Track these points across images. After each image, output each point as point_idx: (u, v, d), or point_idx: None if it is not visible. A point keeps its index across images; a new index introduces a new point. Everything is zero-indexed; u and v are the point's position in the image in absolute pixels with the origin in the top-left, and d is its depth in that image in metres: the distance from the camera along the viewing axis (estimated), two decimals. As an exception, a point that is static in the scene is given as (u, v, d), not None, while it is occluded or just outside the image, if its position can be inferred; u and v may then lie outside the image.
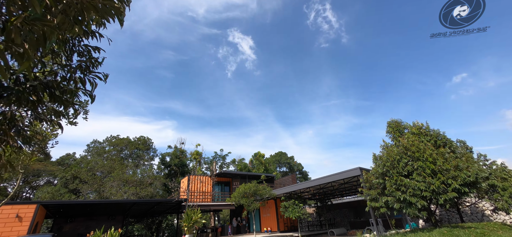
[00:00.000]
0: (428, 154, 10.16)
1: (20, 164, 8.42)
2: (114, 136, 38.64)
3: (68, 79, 3.38)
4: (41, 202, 13.69)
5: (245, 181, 26.75)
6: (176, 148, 37.44)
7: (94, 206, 16.96)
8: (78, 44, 3.29)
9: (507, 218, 13.33)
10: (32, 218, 12.88)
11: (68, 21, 2.19)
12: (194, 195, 22.20)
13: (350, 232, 20.10)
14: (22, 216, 12.71)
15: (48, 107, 3.73)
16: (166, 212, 25.96)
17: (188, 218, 15.06)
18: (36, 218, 13.32)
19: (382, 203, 10.89)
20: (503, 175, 10.85)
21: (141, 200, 17.63)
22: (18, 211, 12.72)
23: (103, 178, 30.80)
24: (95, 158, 35.06)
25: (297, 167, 57.46)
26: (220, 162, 43.70)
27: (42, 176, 34.23)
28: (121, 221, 21.51)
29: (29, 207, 13.13)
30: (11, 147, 3.43)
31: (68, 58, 3.32)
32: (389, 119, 14.83)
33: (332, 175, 15.77)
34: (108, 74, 3.70)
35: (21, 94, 2.99)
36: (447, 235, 8.83)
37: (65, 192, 29.23)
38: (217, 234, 24.80)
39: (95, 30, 3.03)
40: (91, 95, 3.63)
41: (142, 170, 35.08)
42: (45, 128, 7.62)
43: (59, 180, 32.56)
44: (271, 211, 23.75)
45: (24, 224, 12.63)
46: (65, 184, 30.61)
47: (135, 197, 27.19)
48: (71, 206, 16.09)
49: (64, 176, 31.25)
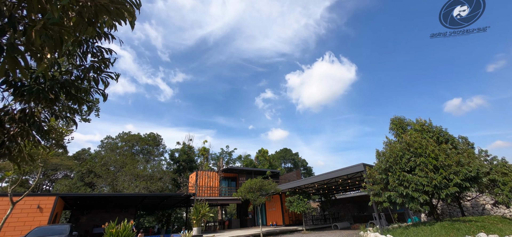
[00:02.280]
0: (430, 150, 10.06)
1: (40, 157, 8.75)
2: (126, 132, 39.39)
3: (82, 78, 3.52)
4: (59, 194, 14.16)
5: (251, 176, 26.93)
6: (184, 145, 37.88)
7: (108, 199, 17.42)
8: (91, 45, 3.41)
9: (507, 212, 13.29)
10: (52, 209, 13.35)
11: (82, 23, 2.29)
12: (202, 189, 22.47)
13: (354, 226, 20.02)
14: (43, 207, 13.20)
15: (64, 105, 3.89)
16: (175, 206, 26.38)
17: (197, 211, 15.31)
18: (56, 209, 13.80)
19: (385, 198, 10.86)
20: (504, 170, 10.76)
21: (152, 194, 17.98)
22: (39, 202, 13.21)
23: (116, 173, 31.51)
24: (108, 153, 35.84)
25: (302, 163, 57.32)
26: (227, 158, 44.02)
27: (59, 170, 35.29)
28: (133, 214, 22.02)
29: (49, 198, 13.62)
30: (31, 142, 3.59)
31: (82, 59, 3.44)
32: (393, 116, 14.66)
33: (336, 171, 15.73)
34: (119, 74, 3.83)
35: (40, 93, 3.13)
36: (448, 228, 8.77)
37: (81, 185, 30.09)
38: (225, 227, 25.11)
39: (107, 32, 3.13)
40: (104, 94, 3.76)
41: (152, 166, 35.68)
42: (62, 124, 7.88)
43: (75, 173, 33.49)
44: (277, 205, 23.86)
45: (44, 214, 13.12)
46: (81, 178, 31.48)
47: (146, 191, 27.72)
48: (87, 199, 16.59)
49: (80, 170, 32.13)
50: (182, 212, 36.21)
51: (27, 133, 3.35)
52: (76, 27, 2.32)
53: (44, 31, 2.01)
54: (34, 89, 3.09)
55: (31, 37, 2.01)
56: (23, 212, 12.61)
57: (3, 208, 12.16)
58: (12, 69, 2.02)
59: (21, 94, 3.13)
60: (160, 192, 27.62)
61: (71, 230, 11.00)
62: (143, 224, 29.88)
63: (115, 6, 2.35)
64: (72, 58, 3.48)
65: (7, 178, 13.31)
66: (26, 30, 1.99)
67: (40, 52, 2.25)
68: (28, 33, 1.96)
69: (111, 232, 10.89)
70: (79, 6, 2.24)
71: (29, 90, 3.08)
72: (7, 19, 2.10)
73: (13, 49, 1.97)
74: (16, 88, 3.07)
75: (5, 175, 11.78)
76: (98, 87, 3.66)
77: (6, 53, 1.96)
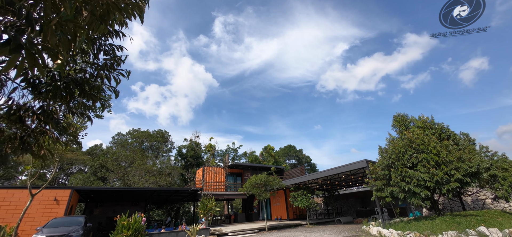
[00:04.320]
0: (432, 146, 9.94)
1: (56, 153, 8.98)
2: (136, 129, 39.95)
3: (95, 76, 3.59)
4: (74, 187, 14.51)
5: (256, 172, 26.99)
6: (191, 141, 38.19)
7: (120, 193, 17.77)
8: (104, 43, 3.48)
9: (506, 206, 13.24)
10: (68, 201, 13.71)
11: (95, 20, 2.34)
12: (209, 185, 22.65)
13: (356, 221, 19.91)
14: (59, 199, 13.57)
15: (78, 102, 3.98)
16: (183, 200, 26.70)
17: (204, 205, 15.49)
18: (71, 202, 14.16)
19: (387, 193, 10.80)
20: (504, 165, 10.68)
21: (161, 188, 18.24)
22: (56, 194, 13.58)
23: (126, 168, 32.06)
24: (119, 149, 36.47)
25: (306, 160, 57.10)
26: (233, 155, 44.22)
27: (74, 164, 36.13)
28: (144, 207, 22.40)
29: (65, 191, 13.98)
30: (49, 138, 3.68)
31: (95, 57, 3.51)
32: (395, 113, 14.46)
33: (339, 167, 15.63)
34: (130, 71, 3.89)
35: (56, 90, 3.21)
36: (449, 222, 8.69)
37: (94, 179, 30.74)
38: (231, 221, 25.32)
39: (118, 30, 3.19)
40: (115, 91, 3.83)
41: (161, 161, 36.14)
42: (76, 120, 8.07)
43: (89, 168, 34.23)
44: (281, 200, 23.90)
45: (61, 206, 13.49)
46: (94, 172, 32.16)
47: (155, 186, 28.14)
48: (100, 192, 16.96)
49: (93, 165, 32.80)
50: (190, 206, 36.70)
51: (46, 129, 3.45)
52: (89, 25, 2.37)
53: (59, 27, 2.07)
54: (51, 86, 3.17)
55: (47, 35, 2.07)
56: (41, 204, 12.99)
57: (23, 200, 12.56)
58: (30, 67, 2.08)
59: (39, 91, 3.23)
60: (168, 187, 27.99)
61: (85, 221, 11.29)
62: (153, 217, 30.41)
63: (125, 2, 2.39)
64: (86, 56, 3.56)
65: (26, 171, 13.69)
66: (43, 28, 2.05)
67: (56, 49, 2.32)
68: (45, 30, 2.01)
69: (123, 224, 11.13)
70: (91, 5, 2.29)
71: (47, 88, 3.17)
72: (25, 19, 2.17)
73: (32, 46, 2.03)
74: (34, 86, 3.16)
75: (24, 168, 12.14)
76: (110, 84, 3.74)
77: (25, 51, 2.03)
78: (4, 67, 1.92)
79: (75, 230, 9.85)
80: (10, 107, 3.05)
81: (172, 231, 13.98)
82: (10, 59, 1.89)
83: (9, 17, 2.52)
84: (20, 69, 2.13)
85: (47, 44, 2.20)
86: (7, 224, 11.52)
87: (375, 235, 10.23)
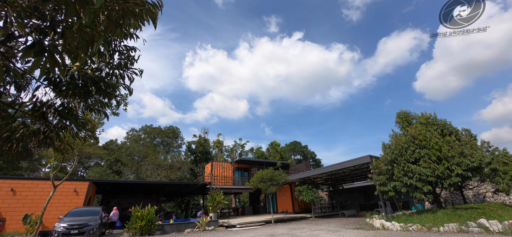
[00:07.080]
0: (434, 142, 9.81)
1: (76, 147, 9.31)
2: (148, 125, 40.70)
3: (111, 74, 3.73)
4: (92, 180, 15.03)
5: (262, 167, 27.10)
6: (200, 137, 38.62)
7: (134, 186, 18.26)
8: (119, 44, 3.60)
9: (506, 199, 13.18)
10: (86, 193, 14.23)
11: (111, 25, 2.45)
12: (217, 179, 22.91)
13: (360, 214, 19.79)
14: (78, 190, 14.09)
15: (95, 99, 4.14)
16: (193, 193, 27.14)
17: (212, 199, 15.72)
18: (89, 193, 14.68)
19: (390, 187, 10.73)
20: (505, 160, 10.58)
21: (172, 182, 18.59)
22: (75, 186, 14.11)
23: (139, 162, 32.80)
24: (133, 144, 37.29)
25: (311, 155, 56.83)
26: (240, 150, 44.48)
27: (92, 158, 37.23)
28: (156, 199, 22.90)
29: (83, 183, 14.50)
30: (69, 133, 3.85)
31: (110, 57, 3.64)
32: (399, 110, 14.21)
33: (343, 162, 15.53)
34: (142, 70, 4.01)
35: (75, 88, 3.36)
36: (451, 215, 8.59)
37: (110, 173, 31.61)
38: (238, 214, 25.60)
39: (133, 32, 3.30)
40: (129, 89, 3.96)
41: (172, 156, 36.75)
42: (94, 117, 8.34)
43: (105, 162, 35.20)
44: (287, 194, 23.96)
45: (80, 197, 14.01)
46: (110, 166, 33.07)
47: (166, 180, 28.68)
48: (115, 185, 17.48)
49: (109, 159, 33.71)
50: (199, 199, 37.31)
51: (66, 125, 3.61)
52: (106, 29, 2.48)
53: (79, 32, 2.18)
54: (71, 84, 3.33)
55: (68, 38, 2.18)
56: (62, 194, 13.53)
57: (46, 190, 13.12)
58: (52, 68, 2.20)
59: (60, 89, 3.38)
60: (179, 181, 28.49)
61: (102, 212, 11.70)
62: (164, 209, 31.10)
63: (140, 8, 2.48)
64: (102, 56, 3.69)
65: (49, 164, 14.26)
66: (64, 32, 2.16)
67: (76, 52, 2.44)
68: (66, 35, 2.12)
69: (136, 215, 11.49)
70: (108, 10, 2.40)
71: (67, 86, 3.32)
72: (49, 22, 2.29)
73: (54, 50, 2.15)
74: (56, 84, 3.31)
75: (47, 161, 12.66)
76: (124, 82, 3.87)
77: (48, 54, 2.15)
78: (30, 68, 2.04)
79: (93, 219, 10.21)
80: (35, 104, 3.21)
81: (183, 223, 14.30)
82: (35, 61, 2.00)
83: (34, 20, 2.66)
84: (43, 69, 2.26)
85: (67, 47, 2.32)
86: (33, 212, 12.09)
87: (378, 227, 10.17)
